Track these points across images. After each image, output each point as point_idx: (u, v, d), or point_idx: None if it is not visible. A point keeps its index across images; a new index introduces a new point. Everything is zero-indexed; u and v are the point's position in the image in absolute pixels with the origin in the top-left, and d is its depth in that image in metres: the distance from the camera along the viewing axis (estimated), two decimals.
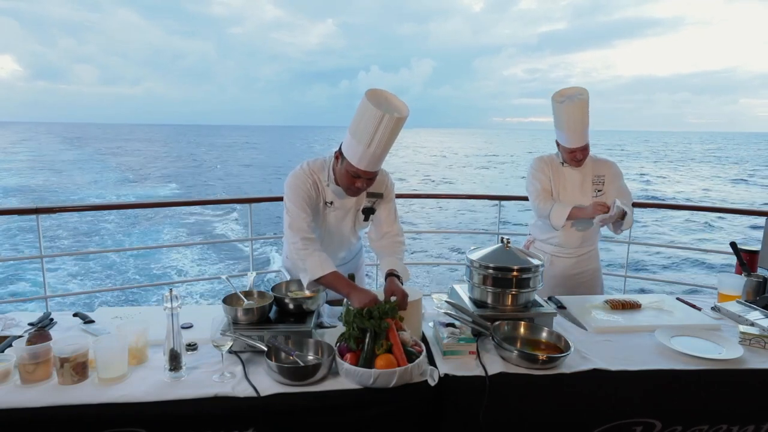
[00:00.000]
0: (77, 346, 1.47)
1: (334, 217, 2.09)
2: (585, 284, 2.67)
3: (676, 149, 71.23)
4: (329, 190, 2.04)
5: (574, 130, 2.43)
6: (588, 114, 2.43)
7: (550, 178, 2.60)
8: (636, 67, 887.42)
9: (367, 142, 1.79)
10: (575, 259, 2.66)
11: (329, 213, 2.08)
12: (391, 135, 1.80)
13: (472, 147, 73.53)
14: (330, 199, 2.05)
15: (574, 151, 2.49)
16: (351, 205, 2.10)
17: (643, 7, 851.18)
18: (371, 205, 2.10)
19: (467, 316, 1.78)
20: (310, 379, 1.48)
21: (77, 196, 23.24)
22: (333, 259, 1.95)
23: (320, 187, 2.04)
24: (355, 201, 2.09)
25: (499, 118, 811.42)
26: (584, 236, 2.61)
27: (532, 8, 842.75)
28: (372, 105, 1.75)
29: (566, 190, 2.59)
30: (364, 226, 2.18)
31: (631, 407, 1.60)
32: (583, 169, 2.58)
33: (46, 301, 2.98)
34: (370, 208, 2.11)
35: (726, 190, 27.73)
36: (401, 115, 1.78)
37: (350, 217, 2.12)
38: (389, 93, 1.84)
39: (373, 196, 2.09)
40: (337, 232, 2.15)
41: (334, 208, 2.07)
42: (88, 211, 10.19)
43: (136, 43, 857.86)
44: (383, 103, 1.79)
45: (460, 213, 18.01)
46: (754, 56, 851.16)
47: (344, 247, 2.23)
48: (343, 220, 2.12)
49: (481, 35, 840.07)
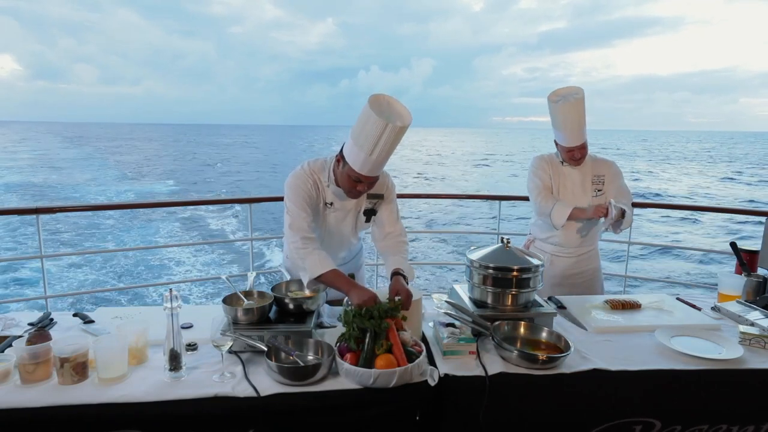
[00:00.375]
0: (77, 346, 1.47)
1: (334, 218, 2.09)
2: (585, 284, 2.67)
3: (671, 148, 71.40)
4: (329, 190, 2.04)
5: (571, 129, 2.44)
6: (584, 113, 2.44)
7: (550, 176, 2.60)
8: (636, 67, 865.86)
9: (369, 150, 1.79)
10: (575, 259, 2.66)
11: (329, 214, 2.08)
12: (393, 143, 1.80)
13: (472, 146, 73.58)
14: (330, 200, 2.05)
15: (572, 150, 2.49)
16: (351, 206, 2.10)
17: (643, 6, 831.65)
18: (372, 206, 2.10)
19: (467, 316, 1.78)
20: (310, 379, 1.48)
21: (78, 193, 23.28)
22: (333, 259, 1.95)
23: (320, 187, 2.04)
24: (356, 203, 2.09)
25: (499, 117, 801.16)
26: (584, 236, 2.61)
27: (532, 7, 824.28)
28: (375, 114, 1.74)
29: (566, 188, 2.59)
30: (365, 227, 2.18)
31: (631, 407, 1.60)
32: (582, 168, 2.58)
33: (47, 301, 2.98)
34: (371, 210, 2.11)
35: (714, 186, 27.96)
36: (404, 123, 1.78)
37: (351, 218, 2.12)
38: (392, 98, 1.84)
39: (373, 197, 2.09)
40: (338, 233, 2.15)
41: (334, 209, 2.07)
42: (87, 210, 10.20)
43: (135, 42, 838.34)
44: (386, 110, 1.80)
45: (453, 208, 18.15)
46: (754, 55, 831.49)
47: (344, 247, 2.23)
48: (344, 220, 2.12)
49: (481, 34, 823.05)
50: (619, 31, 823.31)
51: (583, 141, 2.47)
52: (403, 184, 24.94)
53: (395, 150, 1.88)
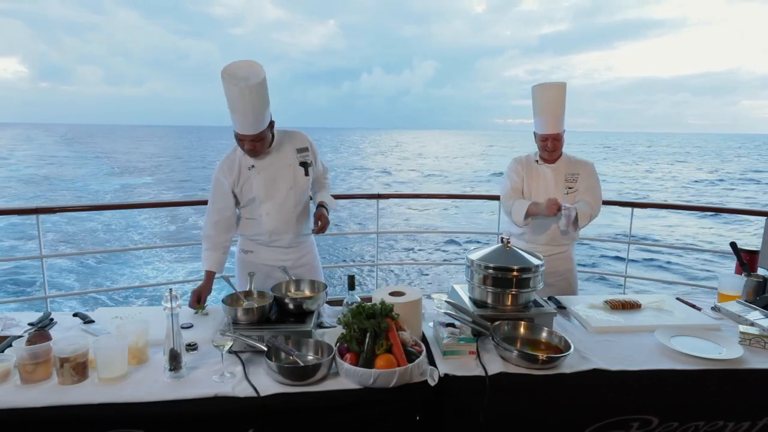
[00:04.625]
0: (77, 346, 1.47)
1: (264, 178, 2.22)
2: (557, 285, 2.62)
3: (672, 149, 71.61)
4: (245, 158, 2.22)
5: (548, 112, 2.47)
6: (564, 104, 2.49)
7: (522, 178, 2.64)
8: (637, 69, 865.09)
9: (238, 110, 2.01)
10: (546, 259, 2.63)
11: (255, 176, 2.21)
12: (256, 99, 1.99)
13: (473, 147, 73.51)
14: (251, 164, 2.22)
15: (546, 139, 2.51)
16: (279, 164, 2.24)
17: (645, 8, 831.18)
18: (304, 159, 2.29)
19: (467, 316, 1.79)
20: (310, 379, 1.48)
21: (77, 184, 23.52)
22: (284, 234, 2.29)
23: (237, 159, 2.22)
24: (284, 160, 2.25)
25: (501, 119, 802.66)
26: (551, 234, 2.59)
27: (534, 9, 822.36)
28: (227, 83, 1.97)
29: (539, 186, 2.61)
30: (305, 182, 2.31)
31: (630, 406, 1.60)
32: (557, 166, 2.60)
33: (47, 302, 2.99)
34: (304, 162, 2.29)
35: (686, 187, 28.46)
36: (255, 81, 1.97)
37: (287, 174, 2.26)
38: (241, 62, 2.04)
39: (301, 151, 2.29)
40: (278, 194, 2.25)
41: (258, 170, 2.22)
42: (87, 211, 10.21)
43: (138, 43, 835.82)
44: (236, 75, 1.98)
45: (449, 208, 18.28)
46: (755, 57, 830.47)
47: (294, 212, 2.31)
48: (278, 178, 2.24)
49: (482, 36, 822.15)
50: (621, 33, 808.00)
51: (558, 131, 2.49)
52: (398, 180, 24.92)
53: (389, 149, 1.92)
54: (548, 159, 2.60)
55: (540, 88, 2.50)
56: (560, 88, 2.48)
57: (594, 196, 2.57)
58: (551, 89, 2.48)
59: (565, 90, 2.49)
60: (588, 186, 2.59)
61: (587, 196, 2.56)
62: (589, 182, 2.60)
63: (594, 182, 2.61)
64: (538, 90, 2.51)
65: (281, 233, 2.29)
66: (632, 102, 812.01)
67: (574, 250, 2.75)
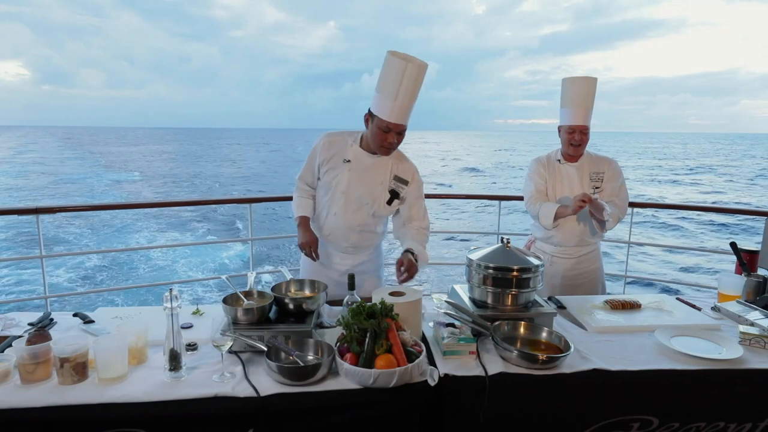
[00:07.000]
0: (77, 346, 1.47)
1: (349, 176, 2.12)
2: (586, 285, 2.66)
3: (665, 149, 71.61)
4: (351, 150, 2.14)
5: (578, 104, 2.46)
6: (593, 99, 2.49)
7: (545, 179, 2.60)
8: (637, 69, 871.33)
9: (393, 95, 1.93)
10: (575, 260, 2.65)
11: (345, 171, 2.13)
12: (415, 84, 1.94)
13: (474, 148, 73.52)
14: (349, 158, 2.14)
15: (574, 131, 2.49)
16: (371, 167, 2.13)
17: (645, 9, 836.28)
18: (396, 188, 2.14)
19: (467, 316, 1.78)
20: (310, 379, 1.48)
21: (77, 184, 23.61)
22: (343, 242, 2.21)
23: (342, 146, 2.15)
24: (378, 169, 2.12)
25: (501, 120, 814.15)
26: (581, 236, 2.60)
27: (534, 10, 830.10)
28: (395, 58, 1.92)
29: (563, 186, 2.58)
30: (386, 209, 2.16)
31: (630, 406, 1.60)
32: (580, 165, 2.57)
33: (47, 301, 2.98)
34: (394, 191, 2.14)
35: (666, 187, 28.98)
36: (422, 63, 1.94)
37: (371, 182, 2.12)
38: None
39: (399, 180, 2.15)
40: (354, 198, 2.13)
41: (350, 166, 2.13)
42: (87, 210, 10.21)
43: (140, 47, 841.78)
44: (404, 57, 1.94)
45: (450, 210, 18.34)
46: (755, 57, 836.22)
47: (357, 221, 2.16)
48: (361, 181, 2.12)
49: (483, 38, 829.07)
50: (621, 33, 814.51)
51: (586, 123, 2.48)
52: None
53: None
54: (572, 155, 2.56)
55: (571, 80, 2.50)
56: (591, 82, 2.48)
57: (621, 198, 2.56)
58: (582, 82, 2.48)
59: (596, 85, 2.50)
60: (614, 188, 2.57)
61: (616, 199, 2.53)
62: (615, 184, 2.58)
63: (621, 184, 2.60)
64: (569, 82, 2.50)
65: (334, 242, 2.22)
66: (632, 102, 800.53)
67: (600, 248, 2.75)
